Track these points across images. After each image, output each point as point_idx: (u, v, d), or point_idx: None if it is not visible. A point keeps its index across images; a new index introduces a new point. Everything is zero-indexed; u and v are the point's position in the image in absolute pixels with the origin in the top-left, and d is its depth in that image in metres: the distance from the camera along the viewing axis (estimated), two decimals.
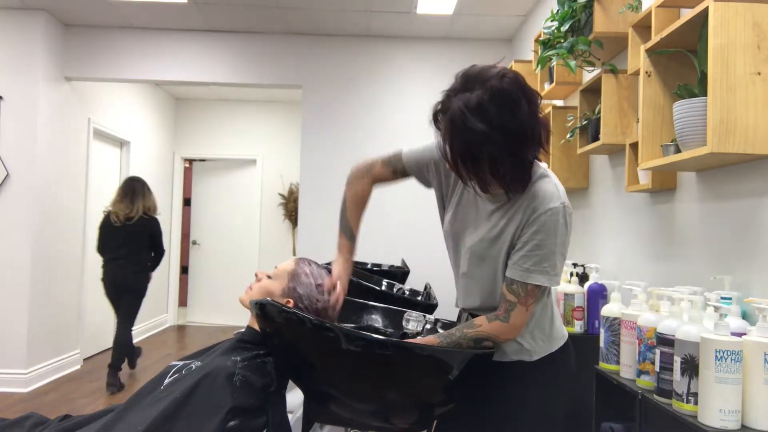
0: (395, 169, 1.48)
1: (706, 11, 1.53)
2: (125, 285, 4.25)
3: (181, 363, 1.42)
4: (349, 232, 1.52)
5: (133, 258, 4.26)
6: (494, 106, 1.12)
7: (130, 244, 4.24)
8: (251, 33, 4.57)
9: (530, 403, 1.35)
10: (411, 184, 1.64)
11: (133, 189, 4.32)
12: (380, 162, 1.50)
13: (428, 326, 1.70)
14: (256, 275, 1.50)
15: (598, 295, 2.31)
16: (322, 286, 1.46)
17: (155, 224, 4.41)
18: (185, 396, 1.24)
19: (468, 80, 1.16)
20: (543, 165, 1.32)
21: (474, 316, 1.38)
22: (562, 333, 1.40)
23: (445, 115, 1.16)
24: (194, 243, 6.97)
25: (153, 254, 4.45)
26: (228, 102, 6.89)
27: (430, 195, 1.64)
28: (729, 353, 1.25)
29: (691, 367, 1.34)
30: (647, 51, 1.84)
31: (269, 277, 1.48)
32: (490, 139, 1.12)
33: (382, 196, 4.75)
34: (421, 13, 4.10)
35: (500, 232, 1.29)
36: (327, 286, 1.46)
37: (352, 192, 1.52)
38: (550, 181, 1.28)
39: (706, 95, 1.56)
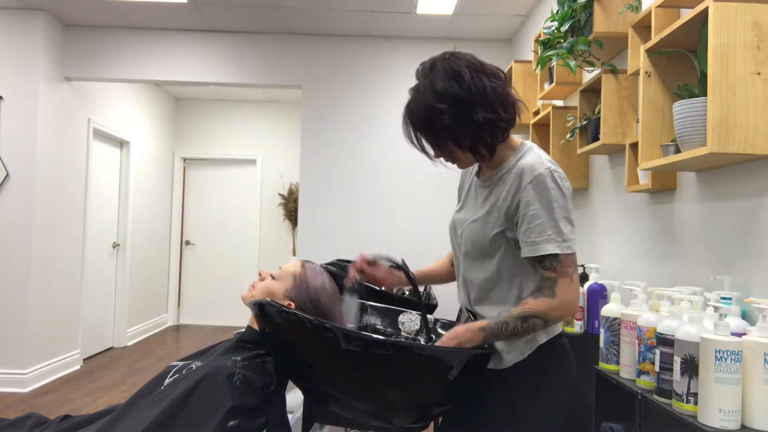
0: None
1: (706, 11, 1.53)
2: None
3: (182, 363, 1.42)
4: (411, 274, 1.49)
5: None
6: (440, 82, 1.24)
7: None
8: (251, 33, 4.57)
9: (519, 414, 1.31)
10: (411, 184, 1.65)
11: None
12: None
13: (429, 326, 1.69)
14: (260, 274, 1.50)
15: (597, 295, 2.31)
16: (325, 288, 1.46)
17: None
18: (185, 396, 1.24)
19: (420, 71, 1.30)
20: (528, 142, 1.35)
21: (473, 314, 1.38)
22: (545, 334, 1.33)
23: (405, 109, 1.30)
24: (187, 243, 6.94)
25: None
26: (228, 102, 6.89)
27: (430, 195, 1.63)
28: (729, 353, 1.25)
29: (690, 368, 1.34)
30: (647, 51, 1.84)
31: (273, 277, 1.48)
32: (441, 110, 1.23)
33: (384, 196, 4.77)
34: (421, 13, 4.10)
35: (489, 209, 1.31)
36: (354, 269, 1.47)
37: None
38: (533, 153, 1.30)
39: (706, 95, 1.56)
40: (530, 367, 1.30)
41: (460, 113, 1.23)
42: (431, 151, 1.31)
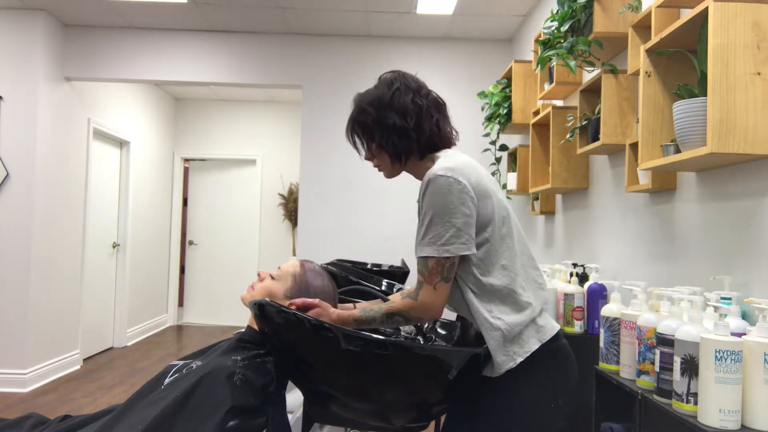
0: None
1: (706, 11, 1.53)
2: None
3: (182, 363, 1.42)
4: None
5: None
6: (375, 90, 1.44)
7: None
8: (251, 33, 4.57)
9: (517, 418, 1.30)
10: (411, 184, 1.66)
11: None
12: None
13: (428, 325, 1.70)
14: (259, 274, 1.49)
15: (597, 295, 2.31)
16: (324, 288, 1.46)
17: None
18: (185, 395, 1.24)
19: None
20: (448, 151, 1.40)
21: (462, 319, 1.38)
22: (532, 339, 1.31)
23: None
24: (191, 243, 6.97)
25: None
26: (228, 102, 6.89)
27: None
28: (729, 353, 1.25)
29: (690, 368, 1.34)
30: (647, 51, 1.84)
31: (272, 277, 1.47)
32: (365, 110, 1.42)
33: (383, 196, 4.77)
34: (421, 13, 4.10)
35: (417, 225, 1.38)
36: (298, 304, 1.37)
37: None
38: (440, 160, 1.35)
39: (705, 95, 1.56)
40: (525, 372, 1.28)
41: (379, 116, 1.39)
42: (361, 150, 1.48)
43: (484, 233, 1.29)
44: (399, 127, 1.38)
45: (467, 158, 1.36)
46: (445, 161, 1.31)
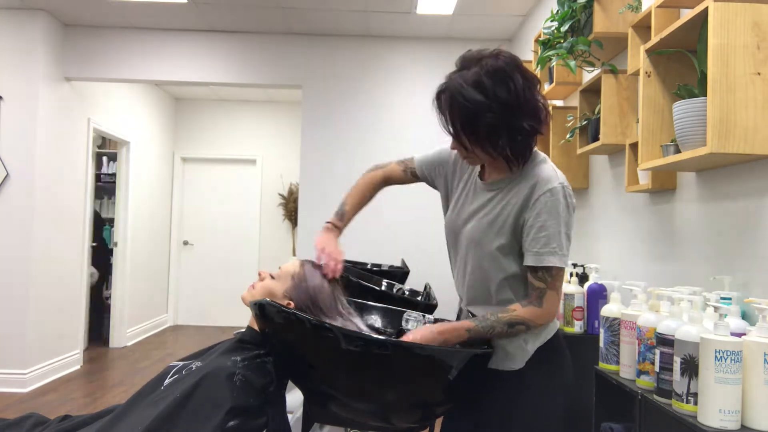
0: (405, 168, 1.57)
1: (705, 11, 1.53)
2: None
3: (182, 363, 1.42)
4: (341, 214, 1.59)
5: None
6: (490, 80, 1.21)
7: None
8: (251, 33, 4.57)
9: (518, 415, 1.33)
10: (412, 185, 1.66)
11: None
12: (395, 162, 1.60)
13: (426, 325, 1.70)
14: (260, 274, 1.49)
15: (597, 295, 2.31)
16: (324, 288, 1.46)
17: None
18: (185, 396, 1.24)
19: (465, 61, 1.28)
20: (542, 153, 1.36)
21: (472, 314, 1.38)
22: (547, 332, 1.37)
23: (445, 93, 1.26)
24: (185, 243, 6.93)
25: None
26: (228, 102, 6.89)
27: (430, 196, 1.63)
28: (729, 353, 1.25)
29: (690, 368, 1.34)
30: (647, 51, 1.84)
31: (272, 277, 1.47)
32: (488, 108, 1.21)
33: (383, 196, 4.74)
34: (420, 13, 4.10)
35: (496, 216, 1.32)
36: (319, 255, 1.48)
37: (362, 180, 1.63)
38: (547, 166, 1.32)
39: (705, 95, 1.55)
40: (525, 370, 1.32)
41: (506, 116, 1.22)
42: (456, 137, 1.28)
43: None
44: (533, 129, 1.26)
45: None
46: (553, 168, 1.31)
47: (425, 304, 2.66)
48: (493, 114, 1.21)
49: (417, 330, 1.30)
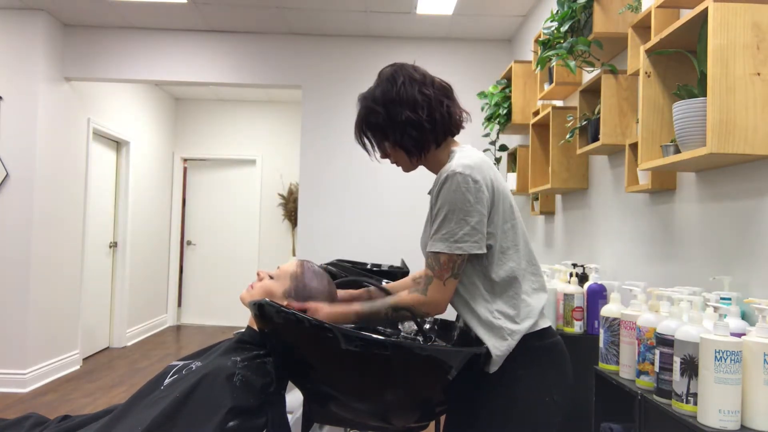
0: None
1: (705, 12, 1.53)
2: None
3: (181, 363, 1.42)
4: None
5: None
6: (379, 87, 1.40)
7: None
8: (251, 33, 4.57)
9: (518, 414, 1.31)
10: (412, 184, 1.66)
11: None
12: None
13: (426, 326, 1.70)
14: (258, 274, 1.50)
15: (597, 296, 2.31)
16: (324, 288, 1.46)
17: None
18: (185, 396, 1.24)
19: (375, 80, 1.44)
20: (464, 147, 1.40)
21: (467, 326, 1.38)
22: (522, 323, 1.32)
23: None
24: (189, 243, 6.96)
25: None
26: (228, 102, 6.89)
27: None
28: (728, 353, 1.25)
29: (690, 368, 1.34)
30: (647, 51, 1.84)
31: (271, 277, 1.47)
32: (374, 110, 1.38)
33: (383, 196, 4.77)
34: (421, 13, 4.10)
35: (426, 219, 1.39)
36: (296, 307, 1.38)
37: None
38: (457, 156, 1.35)
39: (705, 96, 1.56)
40: (521, 368, 1.31)
41: (389, 113, 1.37)
42: (375, 152, 1.44)
43: (494, 233, 1.31)
44: (412, 121, 1.36)
45: (483, 156, 1.38)
46: (463, 158, 1.32)
47: None
48: (380, 115, 1.37)
49: (317, 302, 1.37)
